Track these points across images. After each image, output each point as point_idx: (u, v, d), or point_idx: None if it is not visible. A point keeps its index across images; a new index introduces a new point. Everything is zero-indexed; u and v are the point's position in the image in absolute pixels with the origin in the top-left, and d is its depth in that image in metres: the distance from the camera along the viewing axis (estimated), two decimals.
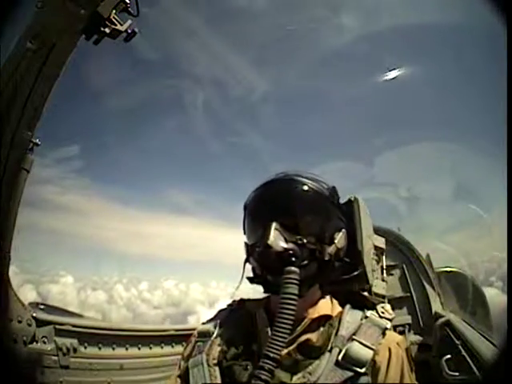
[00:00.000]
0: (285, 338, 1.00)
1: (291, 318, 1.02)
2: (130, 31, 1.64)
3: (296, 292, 1.04)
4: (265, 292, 1.20)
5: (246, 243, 1.24)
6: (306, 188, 1.22)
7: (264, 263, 1.14)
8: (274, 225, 1.11)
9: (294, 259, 1.08)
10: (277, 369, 1.05)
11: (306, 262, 1.11)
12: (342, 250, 1.22)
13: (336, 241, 1.19)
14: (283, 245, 1.10)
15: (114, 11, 1.55)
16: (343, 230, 1.23)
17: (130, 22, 1.63)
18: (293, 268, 1.07)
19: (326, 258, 1.15)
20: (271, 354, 0.98)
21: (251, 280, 1.22)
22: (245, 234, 1.27)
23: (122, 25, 1.61)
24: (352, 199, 1.62)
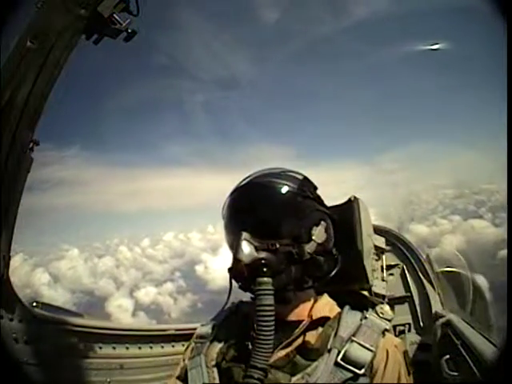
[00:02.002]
0: (268, 346, 1.01)
1: (270, 328, 1.02)
2: (130, 31, 1.64)
3: (270, 302, 1.04)
4: (253, 299, 1.19)
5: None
6: (271, 190, 1.17)
7: (238, 276, 1.13)
8: (243, 235, 1.09)
9: (265, 269, 1.06)
10: (276, 370, 1.05)
11: (282, 266, 1.09)
12: (326, 244, 1.18)
13: (314, 236, 1.14)
14: (253, 255, 1.07)
15: (114, 11, 1.55)
16: (322, 223, 1.18)
17: (130, 21, 1.63)
18: (264, 279, 1.05)
19: (306, 257, 1.11)
20: (258, 365, 0.99)
21: (241, 288, 1.21)
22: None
23: (122, 24, 1.61)
24: (352, 199, 1.62)
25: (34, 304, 2.00)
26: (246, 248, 1.08)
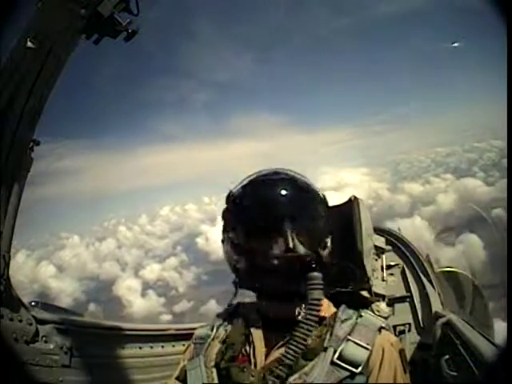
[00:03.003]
0: (306, 338, 1.04)
1: (315, 320, 1.06)
2: (130, 30, 1.64)
3: (321, 297, 1.08)
4: (258, 297, 1.22)
5: (234, 245, 1.20)
6: (311, 193, 1.21)
7: (281, 269, 1.10)
8: (290, 231, 1.09)
9: (314, 265, 1.09)
10: (274, 371, 1.06)
11: (320, 266, 1.12)
12: (331, 254, 1.23)
13: (328, 244, 1.20)
14: (303, 251, 1.10)
15: (114, 11, 1.55)
16: (330, 235, 1.24)
17: (130, 21, 1.64)
18: (316, 273, 1.08)
19: (324, 262, 1.16)
20: (291, 351, 1.02)
21: (240, 285, 1.22)
22: (234, 236, 1.21)
23: (122, 24, 1.61)
24: (352, 199, 1.63)
25: (34, 304, 2.00)
26: (296, 241, 1.10)
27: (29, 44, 1.40)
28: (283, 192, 1.17)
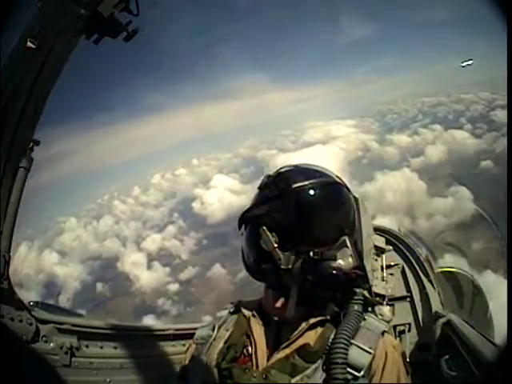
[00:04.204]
0: (347, 345, 1.03)
1: (353, 329, 1.06)
2: (130, 30, 1.64)
3: (361, 310, 1.11)
4: (276, 290, 1.18)
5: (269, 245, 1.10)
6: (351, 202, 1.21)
7: (331, 280, 1.08)
8: (348, 240, 1.10)
9: (357, 276, 1.10)
10: (276, 372, 1.06)
11: None
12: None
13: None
14: (353, 263, 1.10)
15: (114, 11, 1.55)
16: None
17: (130, 21, 1.63)
18: (359, 290, 1.14)
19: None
20: (340, 360, 1.01)
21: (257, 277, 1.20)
22: (279, 234, 1.11)
23: (122, 24, 1.61)
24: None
25: (34, 304, 2.00)
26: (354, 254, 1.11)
27: (29, 44, 1.40)
28: (343, 201, 1.18)
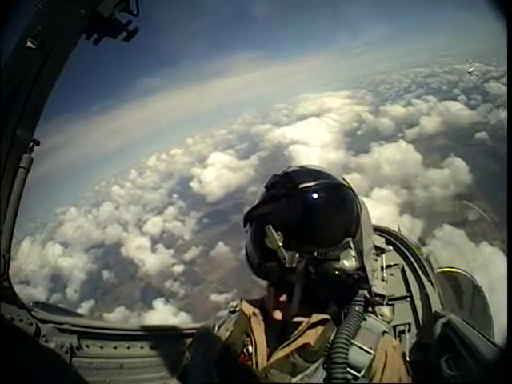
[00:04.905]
0: (347, 345, 1.05)
1: (354, 330, 1.09)
2: (130, 30, 1.64)
3: (362, 310, 1.14)
4: (279, 288, 1.18)
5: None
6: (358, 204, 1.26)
7: (334, 280, 1.11)
8: (351, 242, 1.13)
9: (359, 278, 1.13)
10: (276, 371, 1.06)
11: None
12: None
13: None
14: (356, 264, 1.13)
15: (114, 10, 1.55)
16: None
17: (130, 21, 1.64)
18: (361, 291, 1.17)
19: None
20: (340, 360, 1.02)
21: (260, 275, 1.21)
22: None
23: (122, 24, 1.61)
24: None
25: (34, 304, 2.00)
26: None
27: (29, 44, 1.40)
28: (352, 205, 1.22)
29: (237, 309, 1.31)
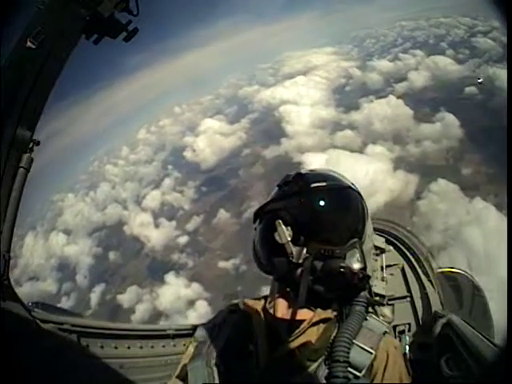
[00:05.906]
0: (349, 344, 1.06)
1: (355, 329, 1.10)
2: (130, 30, 1.64)
3: (363, 310, 1.16)
4: (284, 283, 1.20)
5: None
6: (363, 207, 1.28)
7: (338, 278, 1.12)
8: (357, 243, 1.16)
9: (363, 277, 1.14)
10: (277, 370, 1.06)
11: None
12: None
13: None
14: (361, 264, 1.16)
15: (114, 11, 1.55)
16: None
17: (130, 21, 1.64)
18: (363, 293, 1.18)
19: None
20: (341, 359, 1.02)
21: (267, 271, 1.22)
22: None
23: (122, 24, 1.61)
24: None
25: (34, 304, 2.00)
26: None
27: (29, 44, 1.40)
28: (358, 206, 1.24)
29: (238, 308, 1.31)
